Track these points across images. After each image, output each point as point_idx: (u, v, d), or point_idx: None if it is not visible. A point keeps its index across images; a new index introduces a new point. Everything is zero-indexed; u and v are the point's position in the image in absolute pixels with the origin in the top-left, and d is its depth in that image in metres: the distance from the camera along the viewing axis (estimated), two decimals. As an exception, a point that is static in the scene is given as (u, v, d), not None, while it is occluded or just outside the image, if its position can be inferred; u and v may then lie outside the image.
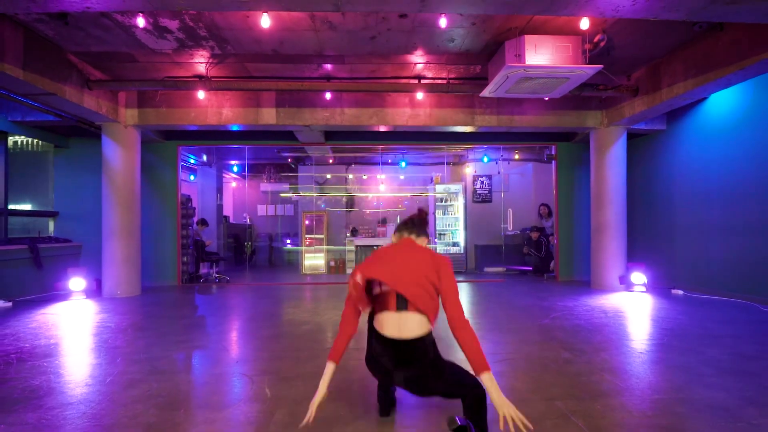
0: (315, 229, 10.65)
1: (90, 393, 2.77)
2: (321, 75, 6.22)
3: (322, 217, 10.75)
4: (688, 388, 2.78)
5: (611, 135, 7.07)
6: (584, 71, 4.91)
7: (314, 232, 10.62)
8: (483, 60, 5.76)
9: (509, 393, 2.72)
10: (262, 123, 6.81)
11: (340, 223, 11.12)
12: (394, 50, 5.41)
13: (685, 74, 5.34)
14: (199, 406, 2.58)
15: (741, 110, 6.05)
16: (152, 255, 8.00)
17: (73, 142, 8.04)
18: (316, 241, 10.54)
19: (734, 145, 6.16)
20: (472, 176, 10.64)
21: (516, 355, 3.55)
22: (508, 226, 9.99)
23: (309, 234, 10.58)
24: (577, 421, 2.31)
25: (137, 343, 3.98)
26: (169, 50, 5.36)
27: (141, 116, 6.76)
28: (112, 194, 6.72)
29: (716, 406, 2.50)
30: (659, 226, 7.63)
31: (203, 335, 4.30)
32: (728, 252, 6.24)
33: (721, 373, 3.06)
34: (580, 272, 8.46)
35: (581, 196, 8.47)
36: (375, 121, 6.90)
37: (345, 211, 11.27)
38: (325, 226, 10.65)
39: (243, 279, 9.02)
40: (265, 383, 2.93)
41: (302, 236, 10.51)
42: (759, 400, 2.58)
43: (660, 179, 7.59)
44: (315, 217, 10.77)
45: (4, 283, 6.32)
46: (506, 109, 7.00)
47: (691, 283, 6.88)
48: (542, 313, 5.22)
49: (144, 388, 2.84)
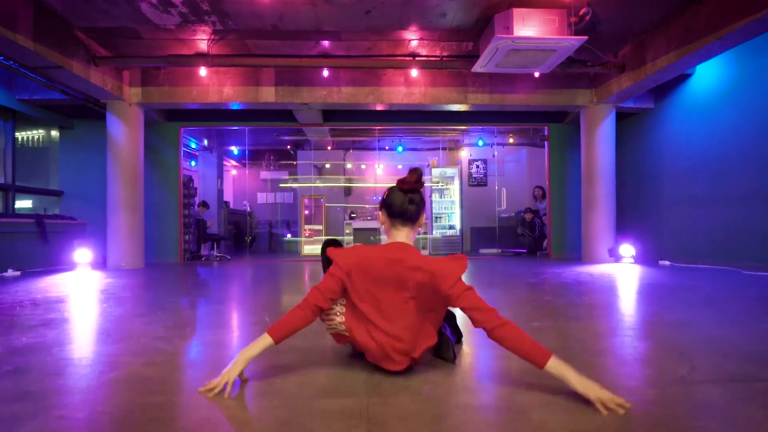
0: (314, 219, 10.88)
1: (102, 322, 2.99)
2: (319, 53, 6.45)
3: (321, 201, 10.98)
4: (661, 314, 3.01)
5: (600, 113, 7.31)
6: (570, 42, 5.14)
7: (313, 222, 10.86)
8: (474, 37, 5.99)
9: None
10: (261, 101, 7.04)
11: (339, 208, 11.34)
12: (388, 25, 5.64)
13: (668, 48, 5.57)
14: (207, 327, 2.80)
15: (724, 85, 6.29)
16: (155, 233, 8.22)
17: (77, 123, 8.26)
18: (315, 232, 10.78)
19: (717, 120, 6.40)
20: (468, 160, 10.87)
21: (501, 299, 3.77)
22: (502, 205, 10.20)
23: (308, 225, 10.82)
24: (549, 333, 2.54)
25: (145, 294, 4.21)
26: (173, 25, 5.58)
27: (144, 94, 6.99)
28: (116, 170, 6.95)
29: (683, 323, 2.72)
30: (647, 202, 7.87)
31: (208, 288, 4.53)
32: (712, 223, 6.47)
33: (690, 306, 3.29)
34: (572, 250, 8.69)
35: (573, 177, 8.70)
36: (371, 99, 7.13)
37: (344, 195, 11.50)
38: (324, 215, 10.88)
39: (243, 259, 9.25)
40: (265, 315, 3.16)
41: (302, 226, 10.74)
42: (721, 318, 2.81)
43: (648, 156, 7.83)
44: (314, 202, 11.01)
45: (12, 254, 6.54)
46: (498, 88, 7.23)
47: (678, 254, 7.11)
48: (531, 276, 5.45)
49: (151, 317, 3.06)
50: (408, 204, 1.79)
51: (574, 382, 1.46)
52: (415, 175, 1.79)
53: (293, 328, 1.66)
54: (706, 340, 2.29)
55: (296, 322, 1.66)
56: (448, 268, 1.63)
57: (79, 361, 2.05)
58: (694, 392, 1.57)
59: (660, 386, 1.64)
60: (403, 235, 1.80)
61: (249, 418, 1.41)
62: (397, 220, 1.80)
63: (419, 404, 1.49)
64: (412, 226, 1.82)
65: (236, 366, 1.59)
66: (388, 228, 1.84)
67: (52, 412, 1.44)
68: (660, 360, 1.98)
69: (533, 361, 1.51)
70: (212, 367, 1.95)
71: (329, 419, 1.37)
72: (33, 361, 2.00)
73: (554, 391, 1.59)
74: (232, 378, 1.56)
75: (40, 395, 1.59)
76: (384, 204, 1.84)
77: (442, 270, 1.61)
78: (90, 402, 1.53)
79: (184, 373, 1.94)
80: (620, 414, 1.41)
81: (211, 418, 1.41)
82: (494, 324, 1.55)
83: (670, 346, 2.19)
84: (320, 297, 1.69)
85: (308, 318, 1.68)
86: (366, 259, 1.71)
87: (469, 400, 1.53)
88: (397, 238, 1.80)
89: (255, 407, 1.50)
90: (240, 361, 1.59)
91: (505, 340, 1.54)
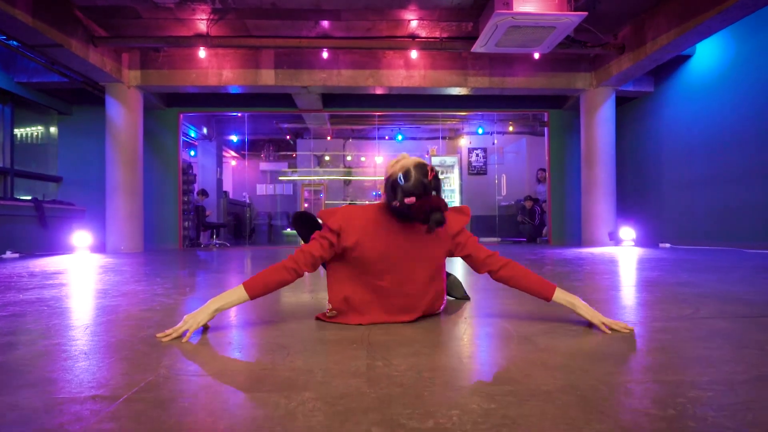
0: (314, 211, 10.87)
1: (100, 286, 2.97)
2: (318, 34, 6.42)
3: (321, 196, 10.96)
4: (662, 276, 2.98)
5: (600, 96, 7.28)
6: (569, 19, 5.10)
7: (313, 213, 10.84)
8: (474, 17, 5.96)
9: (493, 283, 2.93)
10: (261, 84, 7.00)
11: (339, 197, 11.32)
12: (388, 4, 5.60)
13: (668, 26, 5.54)
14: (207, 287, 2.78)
15: (724, 65, 6.26)
16: (154, 219, 8.18)
17: (76, 109, 8.22)
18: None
19: (717, 101, 6.37)
20: (467, 149, 10.84)
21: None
22: (502, 192, 10.15)
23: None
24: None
25: (144, 269, 4.19)
26: (172, 4, 5.54)
27: (143, 77, 6.95)
28: (115, 153, 6.91)
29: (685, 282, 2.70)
30: (647, 185, 7.85)
31: (207, 265, 4.51)
32: (713, 204, 6.45)
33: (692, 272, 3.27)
34: (572, 237, 8.67)
35: (572, 164, 8.67)
36: (371, 82, 7.09)
37: (343, 185, 11.47)
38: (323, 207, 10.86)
39: (243, 246, 9.22)
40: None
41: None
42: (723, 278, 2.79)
43: (648, 140, 7.80)
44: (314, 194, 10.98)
45: (11, 237, 6.51)
46: (498, 71, 7.20)
47: (679, 237, 7.09)
48: (531, 254, 5.43)
49: (150, 282, 3.04)
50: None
51: (581, 307, 1.50)
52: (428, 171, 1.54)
53: (271, 287, 1.50)
54: (708, 293, 2.27)
55: (276, 281, 1.49)
56: (453, 219, 1.59)
57: (76, 309, 2.03)
58: (701, 325, 1.55)
59: (666, 321, 1.62)
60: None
61: (248, 344, 1.39)
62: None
63: (421, 333, 1.46)
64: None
65: (202, 315, 1.43)
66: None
67: (48, 341, 1.42)
68: (664, 304, 1.95)
69: (540, 293, 1.54)
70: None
71: (331, 344, 1.35)
72: (29, 310, 1.98)
73: (556, 320, 1.58)
74: (195, 326, 1.41)
75: (36, 331, 1.57)
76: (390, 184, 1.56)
77: (448, 221, 1.54)
78: (87, 335, 1.51)
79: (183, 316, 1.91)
80: (625, 333, 1.41)
81: (210, 343, 1.38)
82: (500, 264, 1.57)
83: (672, 296, 2.17)
84: (308, 261, 1.52)
85: (288, 280, 1.50)
86: (365, 220, 1.55)
87: (471, 330, 1.51)
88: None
89: (254, 335, 1.48)
90: (208, 311, 1.44)
91: (511, 279, 1.56)
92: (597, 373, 1.05)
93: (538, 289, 1.54)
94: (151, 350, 1.29)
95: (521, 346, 1.29)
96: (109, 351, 1.30)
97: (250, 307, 1.98)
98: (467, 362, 1.17)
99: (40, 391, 0.97)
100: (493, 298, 2.20)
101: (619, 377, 1.03)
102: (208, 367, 1.14)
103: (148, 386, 0.99)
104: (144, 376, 1.06)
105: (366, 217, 1.56)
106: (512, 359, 1.18)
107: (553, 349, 1.26)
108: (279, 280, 1.49)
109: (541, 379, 1.00)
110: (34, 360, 1.20)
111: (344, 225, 1.53)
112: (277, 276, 1.49)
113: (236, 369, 1.13)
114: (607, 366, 1.10)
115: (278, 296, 2.34)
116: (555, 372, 1.06)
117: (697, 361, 1.16)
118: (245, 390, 0.98)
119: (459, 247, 1.60)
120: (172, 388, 0.98)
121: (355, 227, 1.53)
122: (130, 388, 0.97)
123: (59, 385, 1.00)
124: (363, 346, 1.30)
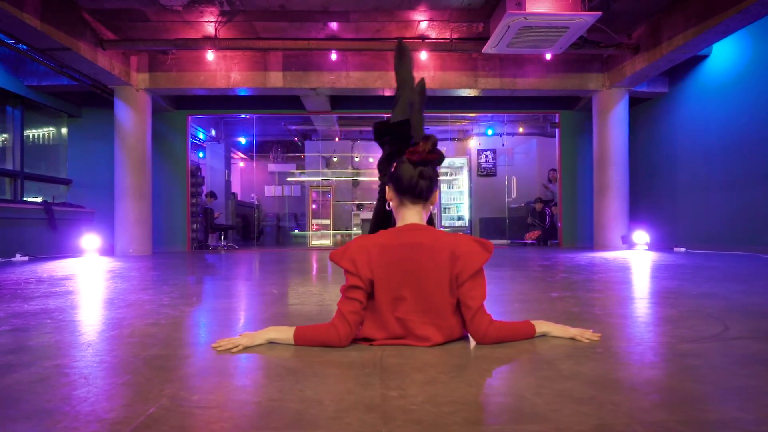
0: (321, 214, 10.80)
1: (106, 294, 2.93)
2: (327, 36, 6.36)
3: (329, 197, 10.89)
4: (682, 286, 2.88)
5: (613, 97, 7.15)
6: (583, 19, 5.00)
7: (321, 216, 10.78)
8: (485, 17, 5.87)
9: (510, 294, 2.84)
10: (269, 86, 6.96)
11: (347, 198, 11.26)
12: (397, 4, 5.53)
13: (685, 25, 5.41)
14: (214, 297, 2.73)
15: (741, 65, 6.11)
16: (163, 222, 8.18)
17: (85, 111, 8.24)
18: (322, 227, 10.70)
19: (734, 101, 6.22)
20: (477, 150, 10.74)
21: (517, 275, 3.67)
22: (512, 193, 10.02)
23: (315, 219, 10.74)
24: (569, 302, 2.43)
25: (151, 273, 4.15)
26: (180, 7, 5.52)
27: (152, 80, 6.94)
28: (124, 156, 6.91)
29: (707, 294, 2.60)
30: (662, 188, 7.69)
31: (215, 271, 4.46)
32: (729, 208, 6.30)
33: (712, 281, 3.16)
34: (584, 240, 8.54)
35: (584, 165, 8.54)
36: (380, 84, 7.02)
37: (351, 186, 11.42)
38: (331, 209, 10.78)
39: (251, 249, 9.20)
40: (272, 288, 3.08)
41: (309, 221, 10.67)
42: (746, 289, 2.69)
43: (662, 141, 7.65)
44: (322, 195, 10.92)
45: (21, 240, 6.53)
46: (508, 72, 7.09)
47: (693, 241, 6.94)
48: (543, 259, 5.33)
49: (157, 290, 3.00)
50: (419, 178, 1.53)
51: (554, 331, 1.59)
52: (428, 144, 1.53)
53: (315, 344, 1.49)
54: (736, 307, 2.17)
55: (321, 339, 1.48)
56: (473, 254, 1.46)
57: (81, 323, 1.98)
58: (733, 347, 1.46)
59: (696, 341, 1.53)
60: (414, 214, 1.56)
61: (255, 367, 1.33)
62: (406, 196, 1.55)
63: (436, 356, 1.39)
64: (424, 205, 1.58)
65: (257, 338, 1.50)
66: (396, 205, 1.60)
67: (48, 362, 1.37)
68: (690, 320, 1.86)
69: (525, 335, 1.57)
70: (219, 328, 1.87)
71: (342, 368, 1.29)
72: (32, 323, 1.93)
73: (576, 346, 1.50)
74: (248, 345, 1.47)
75: (37, 349, 1.52)
76: (391, 177, 1.59)
77: (466, 254, 1.44)
78: (89, 354, 1.46)
79: (188, 332, 1.86)
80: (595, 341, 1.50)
81: (215, 366, 1.32)
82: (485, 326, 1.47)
83: (697, 311, 2.07)
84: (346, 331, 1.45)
85: (333, 343, 1.47)
86: (381, 250, 1.46)
87: (488, 352, 1.43)
88: (408, 218, 1.56)
89: (263, 359, 1.41)
90: (263, 337, 1.51)
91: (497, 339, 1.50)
92: (628, 407, 0.97)
93: (523, 337, 1.56)
94: (153, 375, 1.23)
95: (545, 373, 1.21)
96: (110, 374, 1.24)
97: (259, 318, 1.92)
98: (489, 393, 1.10)
99: (35, 425, 0.91)
100: (508, 313, 2.12)
101: (653, 415, 0.95)
102: (213, 396, 1.08)
103: (148, 420, 0.92)
104: (145, 407, 0.99)
105: (373, 242, 1.49)
106: (537, 390, 1.10)
107: (579, 377, 1.17)
108: (323, 341, 1.48)
109: (571, 416, 0.93)
110: (32, 386, 1.15)
111: (356, 257, 1.46)
112: (324, 337, 1.48)
113: (242, 400, 1.06)
114: (638, 399, 1.02)
115: (286, 308, 2.28)
116: (584, 407, 0.98)
117: (735, 393, 1.07)
118: (251, 428, 0.91)
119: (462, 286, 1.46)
120: (173, 424, 0.91)
121: (364, 256, 1.46)
122: (129, 423, 0.91)
123: (55, 418, 0.94)
124: (376, 371, 1.23)
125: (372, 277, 1.44)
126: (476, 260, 1.45)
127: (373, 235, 1.54)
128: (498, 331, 1.49)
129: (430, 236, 1.49)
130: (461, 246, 1.46)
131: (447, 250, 1.45)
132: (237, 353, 1.43)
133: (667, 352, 1.41)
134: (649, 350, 1.45)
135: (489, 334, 1.47)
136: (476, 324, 1.46)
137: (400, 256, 1.46)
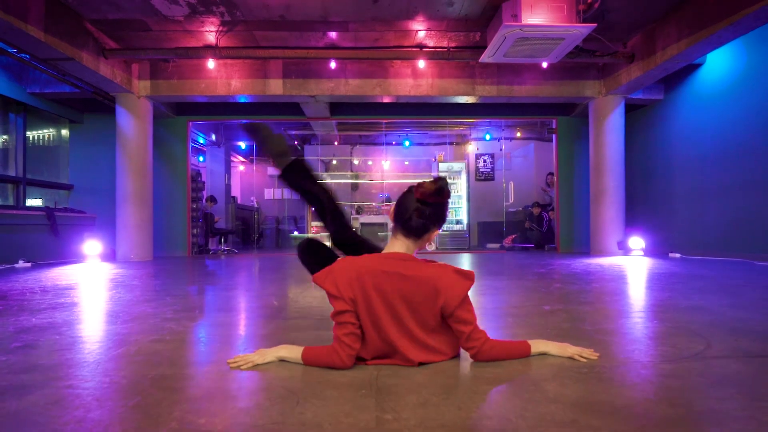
0: (321, 217, 10.87)
1: (111, 306, 3.00)
2: (326, 44, 6.44)
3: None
4: (672, 299, 2.96)
5: (609, 104, 7.23)
6: (578, 30, 5.08)
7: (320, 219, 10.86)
8: (482, 27, 5.94)
9: (503, 307, 2.92)
10: (269, 93, 7.04)
11: (346, 201, 11.34)
12: (395, 15, 5.60)
13: (679, 35, 5.49)
14: (216, 310, 2.80)
15: (736, 73, 6.20)
16: (163, 227, 8.25)
17: (87, 117, 8.31)
18: (322, 229, 10.78)
19: (728, 108, 6.31)
20: (475, 155, 10.81)
21: (511, 285, 3.74)
22: (510, 198, 10.10)
23: (315, 221, 10.82)
24: (560, 316, 2.50)
25: (153, 282, 4.22)
26: (181, 16, 5.59)
27: (153, 87, 7.01)
28: (125, 162, 6.99)
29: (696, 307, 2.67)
30: (657, 194, 7.78)
31: (215, 279, 4.53)
32: (724, 214, 6.38)
33: (702, 293, 3.23)
34: (580, 245, 8.62)
35: (581, 171, 8.62)
36: (378, 91, 7.10)
37: (350, 190, 11.50)
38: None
39: (251, 253, 9.27)
40: (273, 299, 3.15)
41: (308, 223, 10.75)
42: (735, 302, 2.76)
43: (658, 148, 7.74)
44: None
45: (23, 246, 6.60)
46: (506, 79, 7.17)
47: (688, 247, 7.02)
48: (540, 266, 5.40)
49: (160, 302, 3.07)
50: (415, 215, 1.53)
51: (552, 350, 1.66)
52: (435, 186, 1.50)
53: (321, 364, 1.54)
54: (721, 323, 2.24)
55: (326, 362, 1.53)
56: (456, 286, 1.49)
57: (88, 339, 2.05)
58: (713, 367, 1.54)
59: (677, 360, 1.61)
60: (401, 245, 1.58)
61: (258, 388, 1.40)
62: (398, 226, 1.57)
63: (428, 376, 1.46)
64: (414, 241, 1.57)
65: (269, 355, 1.59)
66: (392, 228, 1.63)
67: (61, 382, 1.44)
68: (674, 338, 1.94)
69: (521, 357, 1.62)
70: (221, 345, 1.94)
71: (340, 389, 1.36)
72: (42, 340, 2.00)
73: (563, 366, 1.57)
74: (259, 363, 1.57)
75: (49, 368, 1.59)
76: (397, 201, 1.61)
77: (448, 287, 1.48)
78: (98, 374, 1.53)
79: (192, 349, 1.93)
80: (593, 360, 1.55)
81: (220, 387, 1.40)
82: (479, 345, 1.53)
83: (683, 326, 2.15)
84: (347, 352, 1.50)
85: (337, 366, 1.51)
86: (364, 273, 1.50)
87: (480, 373, 1.51)
88: (395, 247, 1.58)
89: (265, 379, 1.49)
90: (274, 355, 1.59)
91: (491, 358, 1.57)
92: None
93: (518, 356, 1.62)
94: (162, 396, 1.30)
95: (530, 395, 1.29)
96: (120, 396, 1.31)
97: (259, 335, 1.99)
98: (476, 417, 1.17)
99: (54, 451, 0.98)
100: (500, 328, 2.19)
101: (629, 439, 1.02)
102: (218, 420, 1.15)
103: (159, 446, 1.00)
104: (156, 431, 1.07)
105: (357, 265, 1.53)
106: (522, 413, 1.17)
107: (563, 399, 1.25)
108: (328, 364, 1.53)
109: (551, 442, 1.00)
110: (48, 408, 1.22)
111: (339, 279, 1.50)
112: (327, 359, 1.52)
113: (247, 423, 1.14)
114: (616, 423, 1.10)
115: (286, 322, 2.35)
116: (565, 430, 1.05)
117: (706, 416, 1.15)
118: (255, 453, 0.98)
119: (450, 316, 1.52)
120: (183, 449, 0.99)
121: (346, 278, 1.50)
122: (142, 449, 0.98)
123: (73, 443, 1.02)
124: (371, 393, 1.31)
125: (354, 298, 1.48)
126: (459, 292, 1.48)
127: (358, 258, 1.57)
128: (492, 349, 1.55)
129: (413, 267, 1.52)
130: (443, 279, 1.49)
131: (429, 284, 1.48)
132: (246, 370, 1.53)
133: (649, 372, 1.49)
134: (631, 370, 1.52)
135: (483, 352, 1.54)
136: (471, 343, 1.53)
137: (382, 282, 1.49)
